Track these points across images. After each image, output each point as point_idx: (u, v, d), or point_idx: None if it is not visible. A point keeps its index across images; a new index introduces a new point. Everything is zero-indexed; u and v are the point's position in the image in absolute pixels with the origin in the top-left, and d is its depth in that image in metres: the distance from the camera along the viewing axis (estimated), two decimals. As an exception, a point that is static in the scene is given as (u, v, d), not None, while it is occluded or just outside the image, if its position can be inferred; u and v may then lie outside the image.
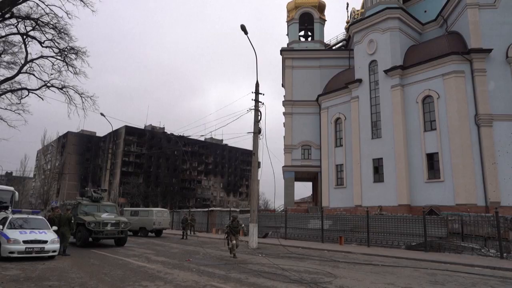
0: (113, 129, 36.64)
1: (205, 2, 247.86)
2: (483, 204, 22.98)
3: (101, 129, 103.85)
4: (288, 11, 41.74)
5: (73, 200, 18.01)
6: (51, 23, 20.28)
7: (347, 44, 39.96)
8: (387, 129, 28.23)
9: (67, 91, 22.32)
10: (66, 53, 21.58)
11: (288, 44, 40.52)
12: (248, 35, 17.76)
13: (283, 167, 36.67)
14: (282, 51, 39.14)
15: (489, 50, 24.43)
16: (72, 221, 13.18)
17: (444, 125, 25.18)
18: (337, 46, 42.64)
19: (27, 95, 22.50)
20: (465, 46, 25.68)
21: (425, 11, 32.75)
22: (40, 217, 13.75)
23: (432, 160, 25.89)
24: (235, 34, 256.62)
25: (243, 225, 13.59)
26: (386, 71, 28.63)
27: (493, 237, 15.13)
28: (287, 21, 41.65)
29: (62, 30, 20.59)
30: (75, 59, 21.84)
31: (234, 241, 13.12)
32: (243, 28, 17.55)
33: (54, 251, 11.42)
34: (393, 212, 23.84)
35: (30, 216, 13.25)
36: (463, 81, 24.93)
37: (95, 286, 7.45)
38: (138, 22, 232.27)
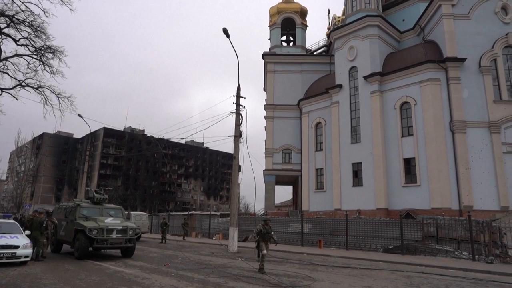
0: (91, 131, 35.84)
1: (194, 5, 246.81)
2: (457, 208, 23.70)
3: (79, 131, 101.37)
4: (271, 16, 42.07)
5: (70, 202, 15.35)
6: (27, 20, 19.71)
7: (328, 50, 40.59)
8: (366, 134, 28.77)
9: (43, 91, 21.69)
10: (42, 52, 20.99)
11: (270, 49, 40.79)
12: (230, 38, 17.78)
13: (264, 170, 36.75)
14: (264, 55, 39.36)
15: (463, 59, 25.32)
16: (44, 225, 12.63)
17: (421, 131, 25.88)
18: (318, 51, 43.26)
19: (0, 95, 21.70)
20: (441, 54, 26.53)
21: (403, 20, 33.68)
22: (12, 221, 13.26)
23: (409, 165, 26.54)
24: (222, 37, 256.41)
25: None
26: (365, 77, 29.22)
27: (466, 240, 15.62)
28: (270, 26, 41.96)
29: (38, 28, 20.04)
30: (52, 58, 21.27)
31: (265, 251, 10.55)
32: (225, 31, 17.56)
33: (26, 257, 11.00)
34: (371, 216, 24.29)
35: (1, 220, 12.76)
36: (439, 88, 25.72)
37: (69, 292, 7.23)
38: (125, 23, 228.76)
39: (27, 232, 12.10)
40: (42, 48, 20.87)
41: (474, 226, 15.28)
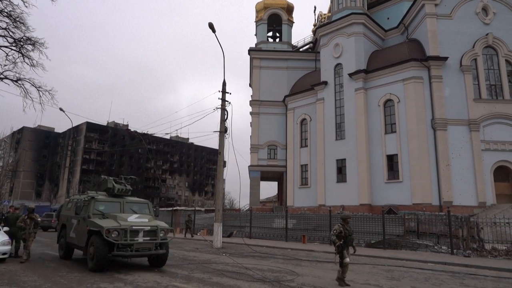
0: (73, 125, 35.11)
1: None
2: (437, 204, 24.28)
3: (60, 125, 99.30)
4: (257, 11, 41.91)
5: (83, 195, 12.02)
6: (5, 10, 19.02)
7: (314, 47, 40.74)
8: (350, 131, 29.09)
9: (23, 84, 20.97)
10: (22, 43, 20.30)
11: (256, 44, 40.69)
12: (216, 33, 17.65)
13: (249, 166, 36.77)
14: (250, 50, 39.26)
15: (445, 58, 25.84)
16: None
17: (404, 128, 26.33)
18: (304, 48, 43.37)
19: (-23, 87, 21.00)
20: (424, 53, 27.00)
21: (388, 18, 34.09)
22: (-10, 217, 12.90)
23: (392, 161, 26.99)
24: (211, 32, 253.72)
25: None
26: (350, 75, 29.50)
27: (445, 235, 16.05)
28: (256, 21, 41.82)
29: (17, 19, 19.38)
30: (32, 50, 20.57)
31: (348, 258, 8.36)
32: (211, 26, 17.43)
33: (4, 254, 10.73)
34: (355, 211, 24.62)
35: (-22, 216, 12.39)
36: (422, 86, 26.20)
37: (49, 289, 7.09)
38: (112, 15, 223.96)
39: (5, 228, 11.80)
40: (22, 39, 20.19)
41: (453, 221, 15.70)
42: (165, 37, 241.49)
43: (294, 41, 42.74)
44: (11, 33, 19.90)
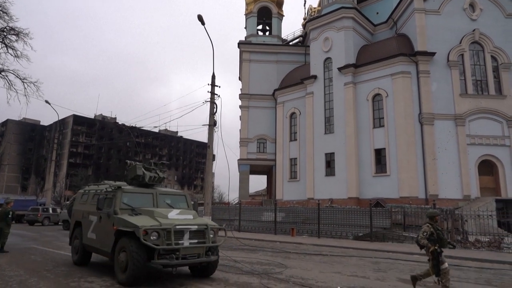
0: (59, 118, 34.53)
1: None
2: (424, 197, 24.73)
3: (46, 118, 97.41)
4: (247, 4, 41.63)
5: (104, 184, 9.34)
6: (-12, 0, 18.47)
7: (303, 41, 40.71)
8: (339, 125, 29.29)
9: (7, 76, 20.48)
10: (5, 34, 19.79)
11: (246, 38, 40.47)
12: (205, 25, 17.45)
13: (238, 160, 36.79)
14: (240, 44, 39.04)
15: (433, 54, 26.13)
16: (10, 216, 12.07)
17: (392, 122, 26.63)
18: (294, 42, 43.30)
19: (-41, 78, 20.38)
20: (412, 48, 27.25)
21: (377, 13, 34.25)
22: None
23: (379, 155, 27.33)
24: (210, 24, 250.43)
25: None
26: (339, 69, 29.62)
27: (430, 227, 16.32)
28: (246, 14, 41.56)
29: (0, 8, 18.85)
30: (16, 41, 20.08)
31: (446, 263, 6.38)
32: (200, 18, 17.22)
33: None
34: (343, 205, 24.92)
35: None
36: (410, 81, 26.49)
37: (36, 284, 6.99)
38: (101, 4, 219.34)
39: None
40: (5, 29, 19.67)
41: (439, 214, 15.98)
42: (155, 29, 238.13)
43: (284, 35, 42.68)
44: (-7, 23, 19.35)
